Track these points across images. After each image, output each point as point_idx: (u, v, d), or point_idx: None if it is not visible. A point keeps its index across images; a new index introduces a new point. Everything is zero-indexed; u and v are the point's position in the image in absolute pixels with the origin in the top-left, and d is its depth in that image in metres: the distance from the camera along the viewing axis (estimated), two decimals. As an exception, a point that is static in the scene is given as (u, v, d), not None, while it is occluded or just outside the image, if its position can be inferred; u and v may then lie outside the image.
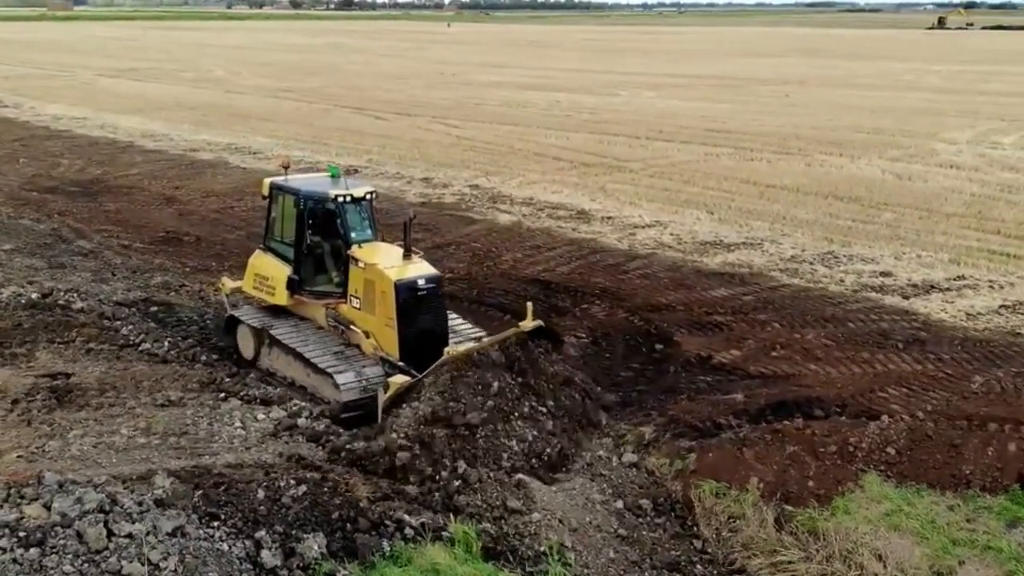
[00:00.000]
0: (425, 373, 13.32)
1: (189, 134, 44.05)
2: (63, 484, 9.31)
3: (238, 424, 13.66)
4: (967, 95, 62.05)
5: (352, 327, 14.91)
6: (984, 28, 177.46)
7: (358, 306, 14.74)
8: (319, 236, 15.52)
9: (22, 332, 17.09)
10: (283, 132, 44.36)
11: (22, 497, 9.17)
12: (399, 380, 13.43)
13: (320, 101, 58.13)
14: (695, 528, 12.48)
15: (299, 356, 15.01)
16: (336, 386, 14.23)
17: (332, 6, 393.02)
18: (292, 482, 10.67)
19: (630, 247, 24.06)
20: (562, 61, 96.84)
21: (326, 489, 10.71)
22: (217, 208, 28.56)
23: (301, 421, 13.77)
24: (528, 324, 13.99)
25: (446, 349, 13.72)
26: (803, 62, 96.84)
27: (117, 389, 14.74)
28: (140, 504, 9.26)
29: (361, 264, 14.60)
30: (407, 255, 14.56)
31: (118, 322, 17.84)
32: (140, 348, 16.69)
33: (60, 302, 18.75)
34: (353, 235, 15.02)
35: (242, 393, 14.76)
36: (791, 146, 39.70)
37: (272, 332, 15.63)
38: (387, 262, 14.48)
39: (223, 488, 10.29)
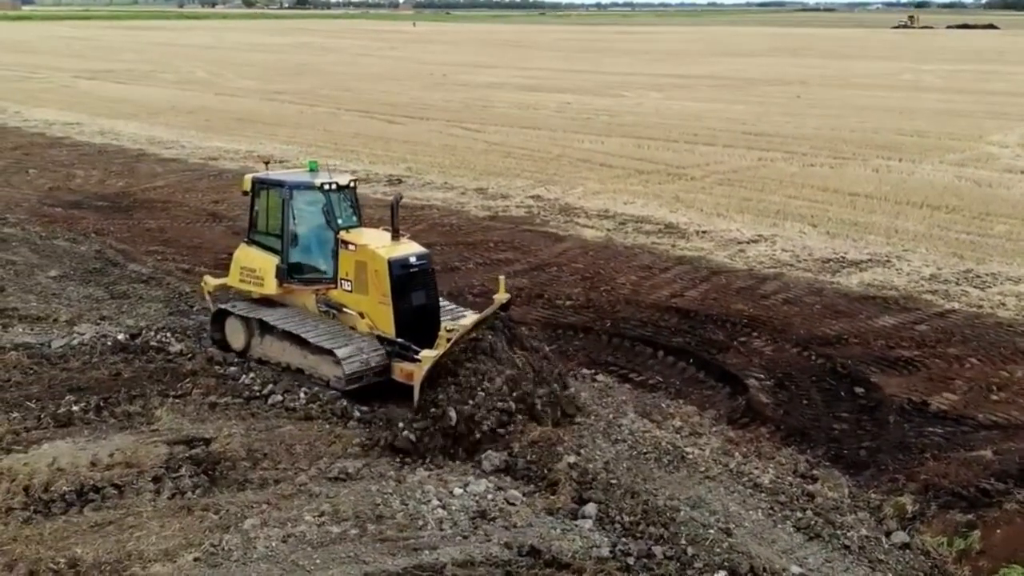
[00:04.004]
0: (448, 348, 13.33)
1: (200, 141, 41.28)
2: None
3: (435, 502, 11.39)
4: (979, 95, 60.97)
5: (345, 310, 15.05)
6: (949, 27, 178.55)
7: (349, 288, 14.94)
8: (305, 225, 15.60)
9: (126, 384, 14.66)
10: (300, 138, 41.71)
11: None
12: (430, 354, 13.48)
13: (320, 104, 55.50)
14: (1001, 624, 10.45)
15: (295, 339, 14.93)
16: (337, 362, 14.15)
17: (286, 5, 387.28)
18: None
19: (748, 266, 22.03)
20: (545, 61, 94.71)
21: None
22: (272, 226, 25.98)
23: (512, 493, 11.57)
24: (502, 296, 13.80)
25: (447, 326, 14.01)
26: (790, 62, 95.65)
27: (270, 458, 12.41)
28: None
29: (352, 247, 14.81)
30: (395, 236, 14.80)
31: (232, 368, 15.42)
32: (270, 401, 14.28)
33: (153, 343, 16.33)
34: (340, 221, 15.17)
35: (423, 462, 12.43)
36: (843, 150, 37.97)
37: (265, 319, 15.48)
38: (377, 243, 14.75)
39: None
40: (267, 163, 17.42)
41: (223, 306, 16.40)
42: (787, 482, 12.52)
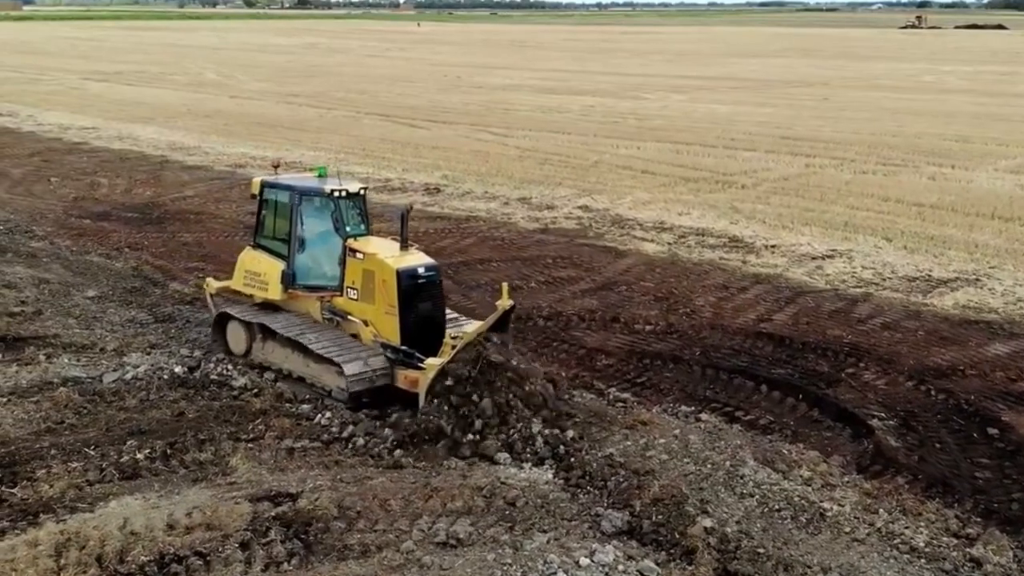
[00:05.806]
0: (454, 354, 13.25)
1: (223, 147, 39.92)
2: None
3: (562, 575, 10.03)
4: (1007, 98, 59.97)
5: (349, 317, 14.82)
6: (957, 28, 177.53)
7: (355, 297, 14.76)
8: (313, 231, 15.34)
9: (191, 426, 13.31)
10: (325, 144, 40.35)
11: None
12: (435, 362, 13.44)
13: (338, 107, 54.26)
14: None
15: (298, 346, 14.68)
16: (340, 373, 13.90)
17: (287, 5, 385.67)
18: None
19: (832, 286, 20.68)
20: (557, 62, 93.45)
21: None
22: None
23: (645, 564, 10.21)
24: (505, 303, 13.31)
25: (451, 332, 14.21)
26: (804, 62, 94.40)
27: (365, 516, 11.00)
28: None
29: (360, 255, 14.63)
30: (404, 246, 14.66)
31: (304, 405, 14.09)
32: (353, 444, 12.96)
33: (214, 377, 15.00)
34: (348, 229, 14.93)
35: (534, 522, 11.08)
36: (891, 156, 36.70)
37: (268, 324, 15.23)
38: (386, 252, 14.60)
39: None
40: (276, 167, 17.39)
41: (226, 309, 16.14)
42: (944, 544, 11.15)
